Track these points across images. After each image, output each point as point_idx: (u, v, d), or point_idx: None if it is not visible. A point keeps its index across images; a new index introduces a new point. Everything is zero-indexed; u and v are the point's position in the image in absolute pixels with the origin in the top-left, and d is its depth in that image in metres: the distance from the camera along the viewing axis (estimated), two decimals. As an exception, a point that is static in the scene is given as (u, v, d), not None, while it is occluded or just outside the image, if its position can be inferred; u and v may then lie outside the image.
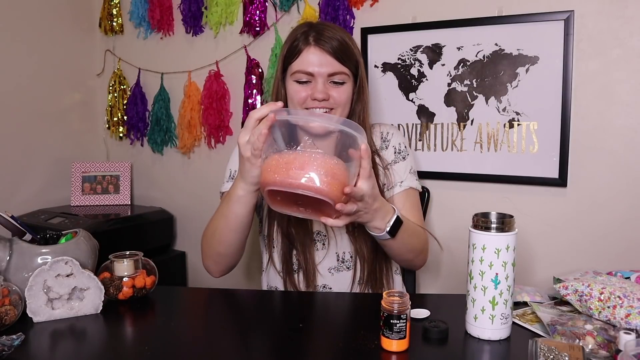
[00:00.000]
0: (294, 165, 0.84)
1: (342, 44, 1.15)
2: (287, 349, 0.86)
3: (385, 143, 1.28)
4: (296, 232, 1.21)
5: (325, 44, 1.13)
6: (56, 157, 2.06)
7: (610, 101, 1.36)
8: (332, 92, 1.16)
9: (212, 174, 2.01)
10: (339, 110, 1.18)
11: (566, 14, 1.36)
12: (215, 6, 1.85)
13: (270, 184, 0.85)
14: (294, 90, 1.17)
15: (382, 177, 1.24)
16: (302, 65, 1.14)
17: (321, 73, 1.14)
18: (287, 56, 1.17)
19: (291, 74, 1.17)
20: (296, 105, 1.19)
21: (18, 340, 0.84)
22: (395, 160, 1.27)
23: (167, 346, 0.88)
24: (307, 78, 1.15)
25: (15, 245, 1.01)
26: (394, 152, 1.28)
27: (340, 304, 1.09)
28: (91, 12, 2.16)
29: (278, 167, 0.85)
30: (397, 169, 1.26)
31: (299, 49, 1.14)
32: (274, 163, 0.86)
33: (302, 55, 1.14)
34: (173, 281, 2.00)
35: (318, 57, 1.13)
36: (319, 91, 1.14)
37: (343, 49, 1.15)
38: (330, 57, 1.13)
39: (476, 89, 1.50)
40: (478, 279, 0.86)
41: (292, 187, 0.84)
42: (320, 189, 0.83)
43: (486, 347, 0.85)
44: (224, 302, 1.13)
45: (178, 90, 2.00)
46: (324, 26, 1.17)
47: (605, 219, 1.40)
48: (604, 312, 0.89)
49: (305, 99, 1.16)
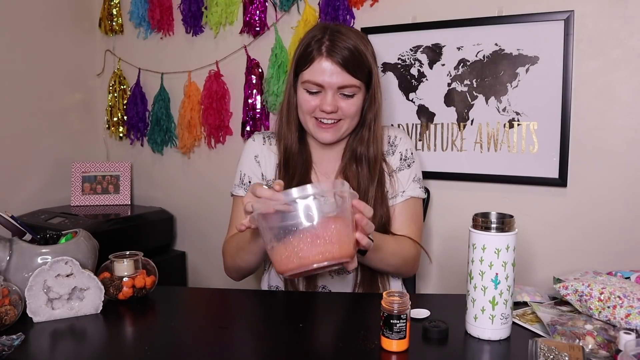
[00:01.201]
0: (302, 251, 0.83)
1: (355, 54, 1.13)
2: (288, 348, 0.86)
3: (392, 148, 1.28)
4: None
5: (337, 55, 1.12)
6: (56, 157, 2.06)
7: (610, 101, 1.36)
8: (341, 104, 1.16)
9: (212, 174, 2.01)
10: (347, 122, 1.19)
11: (566, 14, 1.36)
12: (215, 6, 1.85)
13: (287, 272, 0.86)
14: (304, 99, 1.17)
15: (388, 184, 1.24)
16: (312, 75, 1.14)
17: (331, 85, 1.13)
18: (299, 62, 1.17)
19: (302, 82, 1.17)
20: (305, 114, 1.19)
21: (18, 340, 0.84)
22: (400, 168, 1.26)
23: (167, 346, 0.88)
24: (317, 89, 1.15)
25: (15, 245, 1.01)
26: (399, 158, 1.27)
27: (341, 304, 1.09)
28: (91, 12, 2.16)
29: (288, 257, 0.84)
30: (401, 177, 1.26)
31: (312, 58, 1.14)
32: (281, 254, 0.85)
33: (313, 65, 1.14)
34: (173, 281, 2.00)
35: (329, 69, 1.12)
36: (328, 104, 1.14)
37: (355, 60, 1.13)
38: (341, 69, 1.12)
39: (476, 89, 1.50)
40: (478, 279, 0.86)
41: (309, 268, 0.84)
42: (334, 256, 0.83)
43: (486, 347, 0.85)
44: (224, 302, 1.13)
45: (178, 90, 2.00)
46: (339, 34, 1.14)
47: (605, 219, 1.40)
48: (604, 312, 0.89)
49: (314, 109, 1.17)
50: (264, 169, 1.27)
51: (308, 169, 1.25)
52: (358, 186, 1.21)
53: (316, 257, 0.83)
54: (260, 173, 1.27)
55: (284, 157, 1.24)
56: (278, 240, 0.85)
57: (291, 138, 1.23)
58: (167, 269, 1.94)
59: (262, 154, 1.28)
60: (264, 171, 1.27)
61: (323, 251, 0.83)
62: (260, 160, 1.28)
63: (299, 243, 0.83)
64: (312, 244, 0.83)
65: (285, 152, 1.24)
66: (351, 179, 1.22)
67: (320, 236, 0.83)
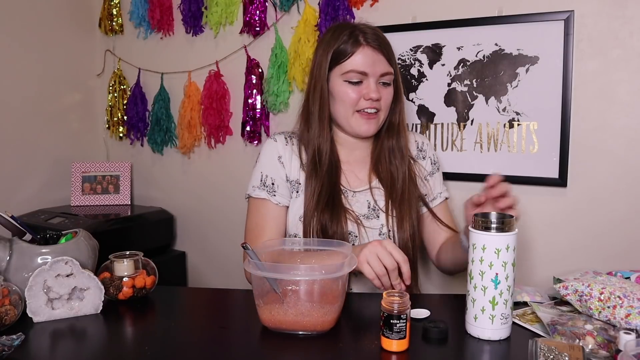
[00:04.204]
0: (302, 322, 0.90)
1: (387, 43, 1.19)
2: (288, 348, 0.86)
3: (422, 153, 1.33)
4: (332, 230, 1.16)
5: (377, 43, 1.15)
6: (56, 157, 2.06)
7: (610, 101, 1.36)
8: (382, 93, 1.18)
9: (212, 174, 2.01)
10: (384, 112, 1.22)
11: (566, 14, 1.36)
12: (215, 6, 1.85)
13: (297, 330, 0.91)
14: (344, 92, 1.18)
15: (422, 187, 1.29)
16: (356, 64, 1.15)
17: (375, 72, 1.16)
18: (337, 55, 1.17)
19: (342, 73, 1.17)
20: (347, 107, 1.18)
21: (18, 340, 0.84)
22: (432, 172, 1.33)
23: (167, 346, 0.88)
24: (360, 78, 1.16)
25: (15, 245, 1.01)
26: (430, 163, 1.34)
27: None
28: (91, 12, 2.16)
29: (293, 323, 0.90)
30: (434, 180, 1.33)
31: (352, 49, 1.15)
32: (283, 320, 0.91)
33: (355, 55, 1.15)
34: (173, 281, 2.00)
35: (371, 56, 1.15)
36: (374, 90, 1.16)
37: (389, 48, 1.19)
38: (382, 57, 1.16)
39: (476, 89, 1.50)
40: (478, 279, 0.86)
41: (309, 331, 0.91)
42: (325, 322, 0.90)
43: (486, 347, 0.85)
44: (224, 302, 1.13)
45: (178, 90, 2.00)
46: (367, 27, 1.19)
47: (605, 219, 1.39)
48: (604, 312, 0.89)
49: (358, 100, 1.18)
50: (287, 170, 1.24)
51: (338, 170, 1.24)
52: (392, 179, 1.23)
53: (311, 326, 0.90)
54: (284, 174, 1.24)
55: (312, 160, 1.22)
56: (281, 308, 0.91)
57: (324, 139, 1.21)
58: (167, 269, 1.94)
59: (286, 155, 1.24)
60: (287, 172, 1.24)
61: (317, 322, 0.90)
62: (285, 162, 1.24)
63: (296, 317, 0.90)
64: (305, 316, 0.91)
65: (315, 154, 1.21)
66: (383, 172, 1.24)
67: (312, 314, 0.90)
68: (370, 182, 1.25)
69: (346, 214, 1.19)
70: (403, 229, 1.20)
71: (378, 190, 1.24)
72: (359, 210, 1.22)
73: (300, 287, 0.91)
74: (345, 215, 1.18)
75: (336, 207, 1.18)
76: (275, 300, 0.91)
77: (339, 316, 0.93)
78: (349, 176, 1.25)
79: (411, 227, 1.20)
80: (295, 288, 0.91)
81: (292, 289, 0.91)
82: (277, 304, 0.90)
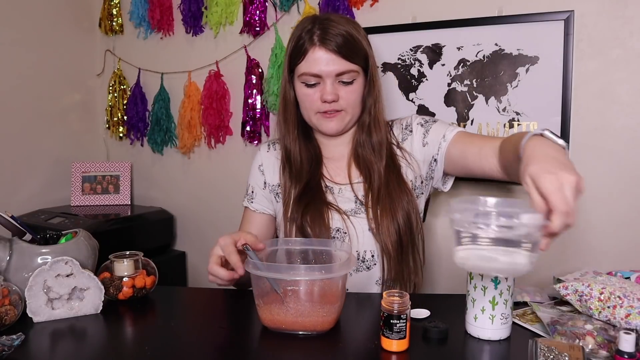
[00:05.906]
0: (302, 322, 0.89)
1: (348, 39, 1.11)
2: (288, 348, 0.86)
3: (408, 129, 1.24)
4: (312, 228, 1.14)
5: (330, 43, 1.09)
6: (56, 157, 2.06)
7: (610, 101, 1.36)
8: (341, 92, 1.14)
9: (212, 174, 2.01)
10: (349, 112, 1.17)
11: (566, 14, 1.36)
12: (215, 6, 1.85)
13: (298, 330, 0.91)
14: (304, 94, 1.16)
15: (405, 168, 1.19)
16: (308, 67, 1.12)
17: (329, 73, 1.11)
18: (292, 56, 1.15)
19: (298, 75, 1.15)
20: (308, 109, 1.17)
21: (18, 340, 0.84)
22: (426, 130, 1.21)
23: (167, 346, 0.88)
24: (315, 80, 1.13)
25: (15, 245, 1.01)
26: (420, 125, 1.22)
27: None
28: (91, 12, 2.16)
29: (293, 323, 0.90)
30: (433, 132, 1.20)
31: (305, 50, 1.12)
32: (283, 320, 0.90)
33: (307, 56, 1.11)
34: (173, 281, 2.00)
35: (324, 57, 1.10)
36: (328, 92, 1.12)
37: (349, 45, 1.11)
38: (336, 56, 1.10)
39: (476, 89, 1.50)
40: (478, 279, 0.86)
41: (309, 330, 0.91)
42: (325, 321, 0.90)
43: (486, 347, 0.85)
44: (224, 302, 1.13)
45: (178, 90, 2.00)
46: (329, 21, 1.12)
47: (605, 219, 1.39)
48: (604, 312, 0.89)
49: (316, 102, 1.15)
50: (267, 176, 1.27)
51: (319, 163, 1.24)
52: (370, 173, 1.18)
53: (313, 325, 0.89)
54: (262, 182, 1.27)
55: (285, 157, 1.24)
56: (279, 308, 0.90)
57: (290, 137, 1.22)
58: (167, 269, 1.94)
59: (266, 162, 1.28)
60: (267, 179, 1.27)
61: (317, 321, 0.90)
62: (264, 169, 1.28)
63: (297, 317, 0.90)
64: (310, 316, 0.90)
65: (286, 152, 1.24)
66: (361, 167, 1.20)
67: (313, 315, 0.90)
68: (352, 178, 1.22)
69: (329, 209, 1.16)
70: (382, 225, 1.13)
71: (360, 185, 1.20)
72: (345, 205, 1.19)
73: (301, 288, 0.91)
74: (328, 210, 1.16)
75: (316, 202, 1.16)
76: (276, 300, 0.91)
77: (339, 316, 0.93)
78: (334, 172, 1.24)
79: (394, 222, 1.13)
80: (295, 288, 0.91)
81: (292, 289, 0.91)
82: (278, 304, 0.90)
